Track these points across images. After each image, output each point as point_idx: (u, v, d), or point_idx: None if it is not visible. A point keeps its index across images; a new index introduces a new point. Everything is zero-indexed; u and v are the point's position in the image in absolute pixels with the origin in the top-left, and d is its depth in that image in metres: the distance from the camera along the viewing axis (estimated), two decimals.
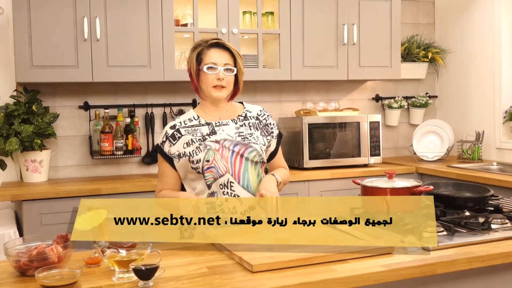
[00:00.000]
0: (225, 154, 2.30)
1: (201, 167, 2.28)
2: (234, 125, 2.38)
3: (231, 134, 2.34)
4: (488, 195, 2.29)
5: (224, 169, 2.30)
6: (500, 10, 4.29)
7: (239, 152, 2.32)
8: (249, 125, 2.40)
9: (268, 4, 4.19)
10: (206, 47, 2.32)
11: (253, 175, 2.35)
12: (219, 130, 2.35)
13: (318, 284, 1.60)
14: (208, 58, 2.30)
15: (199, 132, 2.34)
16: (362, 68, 4.29)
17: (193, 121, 2.38)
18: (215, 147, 2.30)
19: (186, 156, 2.30)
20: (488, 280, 1.90)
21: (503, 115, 4.34)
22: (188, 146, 2.31)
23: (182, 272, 1.68)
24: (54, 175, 3.91)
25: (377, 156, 4.25)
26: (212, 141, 2.31)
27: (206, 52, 2.32)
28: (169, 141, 2.35)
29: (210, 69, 2.30)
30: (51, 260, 1.67)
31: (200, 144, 2.30)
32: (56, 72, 3.55)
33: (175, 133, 2.35)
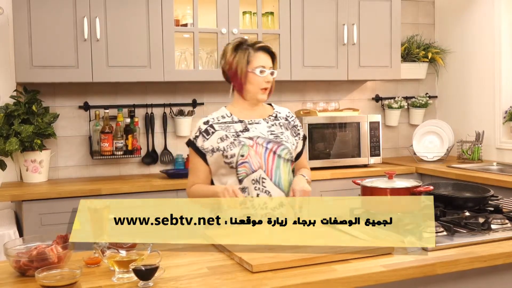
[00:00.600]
0: (259, 150, 2.37)
1: (235, 161, 2.35)
2: (265, 124, 2.46)
3: (263, 132, 2.42)
4: (488, 195, 2.29)
5: (258, 165, 2.36)
6: (500, 10, 4.29)
7: (272, 149, 2.39)
8: (279, 124, 2.48)
9: (268, 4, 4.19)
10: (253, 49, 2.39)
11: (284, 173, 2.42)
12: (251, 127, 2.42)
13: (319, 284, 1.60)
14: (257, 61, 2.38)
15: (233, 128, 2.40)
16: (362, 68, 4.29)
17: (226, 118, 2.44)
18: (249, 143, 2.37)
19: (220, 150, 2.36)
20: (489, 280, 1.90)
21: (503, 115, 4.34)
22: (222, 141, 2.37)
23: (182, 272, 1.68)
24: (54, 175, 3.91)
25: (377, 156, 4.25)
26: (246, 138, 2.38)
27: (254, 54, 2.39)
28: (203, 136, 2.40)
29: (262, 72, 2.38)
30: (51, 260, 1.67)
31: (234, 139, 2.37)
32: (56, 72, 3.55)
33: (209, 128, 2.40)
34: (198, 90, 4.24)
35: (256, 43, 2.41)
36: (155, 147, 4.13)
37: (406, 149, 4.77)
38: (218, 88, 4.27)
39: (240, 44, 2.41)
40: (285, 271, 1.67)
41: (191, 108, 4.20)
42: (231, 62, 2.40)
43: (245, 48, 2.40)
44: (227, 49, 2.43)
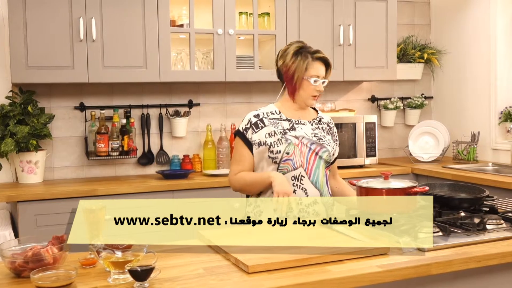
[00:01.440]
0: (303, 150, 2.49)
1: (280, 158, 2.46)
2: (310, 126, 2.58)
3: (308, 133, 2.54)
4: (484, 196, 2.29)
5: (300, 163, 2.48)
6: (495, 11, 4.31)
7: (315, 150, 2.51)
8: (322, 129, 2.61)
9: (264, 5, 4.19)
10: (313, 58, 2.50)
11: (322, 173, 2.54)
12: (298, 127, 2.54)
13: (314, 284, 1.60)
14: (314, 71, 2.49)
15: (280, 125, 2.52)
16: (358, 68, 4.30)
17: (275, 114, 2.55)
18: (295, 142, 2.48)
19: (266, 145, 2.47)
20: (484, 281, 1.91)
21: (498, 116, 4.35)
22: (270, 136, 2.48)
23: (178, 273, 1.68)
24: (50, 176, 3.90)
25: (373, 156, 4.26)
26: (292, 136, 2.50)
27: (312, 63, 2.50)
28: (252, 128, 2.50)
29: (316, 82, 2.50)
30: (47, 261, 1.67)
31: (281, 136, 2.48)
32: (51, 73, 3.55)
33: (259, 122, 2.51)
34: (194, 90, 4.24)
35: (316, 52, 2.52)
36: (151, 147, 4.12)
37: (402, 150, 4.78)
38: (214, 88, 4.27)
39: (300, 49, 2.51)
40: (280, 271, 1.67)
41: (187, 109, 4.20)
42: (290, 66, 2.51)
43: (305, 55, 2.50)
44: (288, 51, 2.53)
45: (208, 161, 4.16)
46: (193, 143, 4.26)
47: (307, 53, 2.50)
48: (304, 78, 2.49)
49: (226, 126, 4.25)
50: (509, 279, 1.95)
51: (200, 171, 4.14)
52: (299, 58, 2.49)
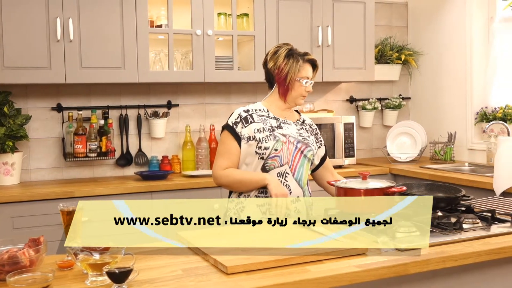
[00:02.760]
0: (290, 147, 2.56)
1: (268, 154, 2.52)
2: (295, 126, 2.66)
3: (293, 133, 2.62)
4: (460, 196, 2.32)
5: (286, 160, 2.55)
6: (471, 13, 4.36)
7: (300, 149, 2.59)
8: (306, 130, 2.70)
9: (243, 6, 4.20)
10: (303, 60, 2.59)
11: (305, 171, 2.62)
12: (284, 126, 2.62)
13: (293, 285, 1.60)
14: (304, 72, 2.59)
15: (269, 122, 2.59)
16: (336, 69, 4.32)
17: (263, 112, 2.62)
18: (283, 140, 2.56)
19: (255, 140, 2.52)
20: (460, 279, 1.93)
21: (474, 116, 4.40)
22: (259, 132, 2.53)
23: (156, 274, 1.68)
24: (26, 177, 3.86)
25: (351, 157, 4.28)
26: (280, 134, 2.57)
27: (303, 65, 2.59)
28: (242, 123, 2.55)
29: (306, 83, 2.60)
30: (23, 264, 1.65)
31: (270, 133, 2.54)
32: (28, 73, 3.51)
33: (248, 117, 2.57)
34: (172, 91, 4.22)
35: (305, 54, 2.62)
36: (130, 148, 4.10)
37: (380, 150, 4.81)
38: (193, 89, 4.26)
39: (290, 51, 2.60)
40: (259, 272, 1.67)
41: (166, 110, 4.18)
42: (283, 68, 2.57)
43: (296, 57, 2.58)
44: (279, 53, 2.59)
45: (187, 162, 4.14)
46: (172, 144, 4.24)
47: (298, 55, 2.59)
48: (296, 79, 2.57)
49: (205, 127, 4.25)
50: (485, 278, 1.98)
51: (179, 172, 4.13)
52: (291, 60, 2.57)
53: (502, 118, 4.08)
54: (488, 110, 4.29)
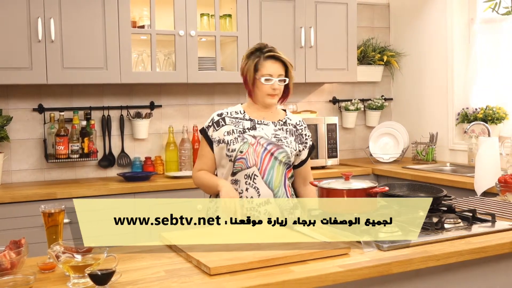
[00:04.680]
0: (258, 149, 2.51)
1: (235, 156, 2.50)
2: (273, 127, 2.60)
3: (268, 134, 2.56)
4: (442, 196, 2.34)
5: (253, 162, 2.50)
6: (452, 14, 4.40)
7: (270, 151, 2.52)
8: (286, 130, 2.62)
9: (225, 7, 4.19)
10: (263, 57, 2.51)
11: (277, 174, 2.54)
12: (259, 127, 2.57)
13: (277, 285, 1.60)
14: (264, 70, 2.50)
15: (242, 125, 2.56)
16: (319, 70, 4.34)
17: (239, 114, 2.60)
18: (251, 141, 2.52)
19: (224, 143, 2.52)
20: (443, 279, 1.95)
21: (455, 117, 4.44)
22: (229, 135, 2.53)
23: (139, 276, 1.67)
24: (7, 179, 3.82)
25: (334, 158, 4.30)
26: (250, 135, 2.54)
27: (263, 63, 2.51)
28: (213, 126, 2.56)
29: (267, 81, 2.50)
30: (4, 267, 1.63)
31: (239, 135, 2.52)
32: (9, 74, 3.47)
33: (220, 121, 2.57)
34: (155, 92, 4.21)
35: (268, 51, 2.53)
36: (112, 150, 4.07)
37: (363, 151, 4.84)
38: (175, 90, 4.25)
39: (255, 51, 2.55)
40: (243, 273, 1.67)
41: (149, 111, 4.16)
42: (243, 68, 2.57)
43: (257, 55, 2.53)
44: (244, 54, 2.59)
45: (170, 163, 4.13)
46: (155, 145, 4.23)
47: (260, 53, 2.53)
48: (256, 78, 2.52)
49: (188, 127, 4.23)
50: (467, 277, 2.00)
51: (162, 173, 4.11)
52: (251, 59, 2.54)
53: (483, 118, 4.12)
54: (469, 111, 4.33)
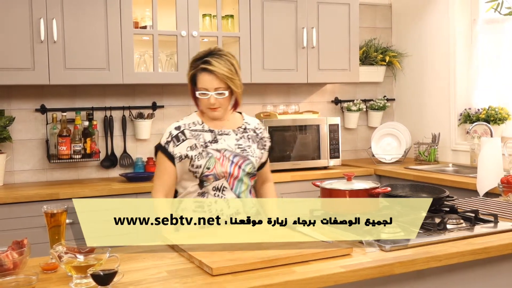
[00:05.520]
0: (225, 163, 2.42)
1: (201, 172, 2.40)
2: (234, 136, 2.50)
3: (231, 145, 2.46)
4: (444, 196, 2.34)
5: (222, 175, 2.42)
6: (454, 14, 4.39)
7: (237, 163, 2.44)
8: (247, 137, 2.53)
9: (227, 7, 4.20)
10: (198, 70, 2.37)
11: (245, 185, 2.49)
12: (220, 139, 2.46)
13: (279, 286, 1.60)
14: (200, 83, 2.38)
15: (202, 137, 2.44)
16: (321, 71, 4.34)
17: (197, 125, 2.47)
18: (217, 156, 2.41)
19: (188, 158, 2.40)
20: (445, 280, 1.94)
21: (458, 117, 4.44)
22: (192, 150, 2.41)
23: (141, 276, 1.67)
24: (10, 179, 3.82)
25: (336, 158, 4.30)
26: (213, 149, 2.42)
27: (198, 76, 2.38)
28: (173, 142, 2.42)
29: (202, 95, 2.38)
30: (6, 267, 1.63)
31: (203, 150, 2.40)
32: (11, 75, 3.47)
33: (180, 135, 2.43)
34: (157, 92, 4.21)
35: (203, 63, 2.36)
36: (114, 150, 4.08)
37: (365, 151, 4.83)
38: (178, 90, 4.25)
39: (196, 60, 2.40)
40: (245, 273, 1.67)
41: (151, 111, 4.16)
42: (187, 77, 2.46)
43: (194, 66, 2.40)
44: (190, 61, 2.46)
45: None
46: None
47: (199, 63, 2.37)
48: (195, 91, 2.42)
49: None
50: (469, 278, 1.99)
51: None
52: (190, 70, 2.43)
53: (485, 119, 4.12)
54: (471, 111, 4.33)
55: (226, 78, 2.36)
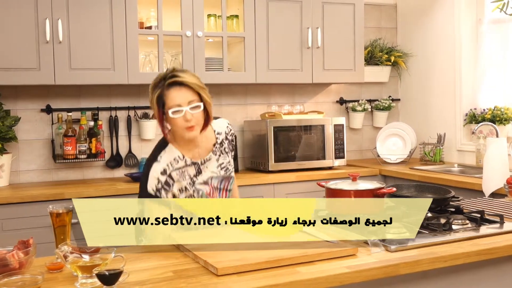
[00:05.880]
0: (215, 194, 2.39)
1: None
2: (215, 157, 2.40)
3: (215, 171, 2.40)
4: (449, 197, 2.33)
5: None
6: (460, 14, 4.38)
7: (224, 187, 2.43)
8: (224, 151, 2.45)
9: (232, 7, 4.20)
10: (165, 87, 2.18)
11: None
12: (204, 168, 2.36)
13: (284, 286, 1.60)
14: (170, 101, 2.18)
15: (187, 174, 2.31)
16: (326, 71, 4.33)
17: (179, 161, 2.29)
18: (207, 191, 2.36)
19: (179, 197, 2.30)
20: (450, 280, 1.94)
21: (463, 117, 4.43)
22: (181, 192, 2.30)
23: (147, 276, 1.67)
24: (16, 179, 3.83)
25: (341, 158, 4.29)
26: (201, 183, 2.35)
27: (167, 93, 2.18)
28: (165, 189, 2.24)
29: (176, 113, 2.17)
30: (12, 266, 1.64)
31: (193, 191, 2.32)
32: (17, 75, 3.49)
33: (168, 180, 2.25)
34: None
35: (168, 78, 2.18)
36: (120, 150, 4.08)
37: (370, 151, 4.83)
38: None
39: (159, 81, 2.22)
40: (250, 273, 1.67)
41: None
42: (150, 103, 2.26)
43: (160, 85, 2.20)
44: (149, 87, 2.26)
45: None
46: None
47: (159, 85, 2.20)
48: (165, 112, 2.19)
49: None
50: (474, 278, 1.99)
51: None
52: (154, 92, 2.21)
53: (491, 119, 4.10)
54: (477, 111, 4.32)
55: (199, 88, 2.20)
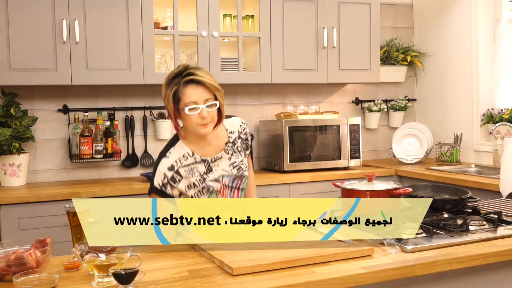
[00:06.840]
0: (225, 192, 2.36)
1: None
2: (226, 156, 2.37)
3: (226, 169, 2.36)
4: (466, 197, 2.31)
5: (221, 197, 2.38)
6: (477, 14, 4.35)
7: (237, 186, 2.39)
8: (237, 150, 2.41)
9: (248, 7, 4.20)
10: (182, 84, 2.18)
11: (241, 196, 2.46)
12: (214, 166, 2.33)
13: (299, 286, 1.60)
14: (186, 98, 2.17)
15: (196, 171, 2.29)
16: (342, 71, 4.32)
17: (189, 158, 2.29)
18: (217, 188, 2.33)
19: (187, 196, 2.29)
20: (467, 282, 1.92)
21: (480, 118, 4.39)
22: (190, 189, 2.28)
23: (162, 276, 1.68)
24: (33, 179, 3.87)
25: (357, 158, 4.27)
26: (212, 181, 2.32)
27: (183, 91, 2.18)
28: (170, 184, 2.25)
29: (192, 110, 2.18)
30: (29, 265, 1.65)
31: (202, 187, 2.29)
32: (34, 75, 3.52)
33: (175, 175, 2.25)
34: None
35: (187, 75, 2.18)
36: (135, 150, 4.10)
37: (386, 152, 4.80)
38: None
39: (174, 77, 2.21)
40: (265, 273, 1.67)
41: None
42: (164, 98, 2.24)
43: (175, 82, 2.19)
44: (163, 82, 2.25)
45: None
46: None
47: (180, 78, 2.19)
48: (180, 109, 2.19)
49: None
50: (491, 280, 1.97)
51: None
52: (169, 88, 2.20)
53: (508, 119, 4.06)
54: (494, 111, 4.28)
55: (214, 88, 2.21)
